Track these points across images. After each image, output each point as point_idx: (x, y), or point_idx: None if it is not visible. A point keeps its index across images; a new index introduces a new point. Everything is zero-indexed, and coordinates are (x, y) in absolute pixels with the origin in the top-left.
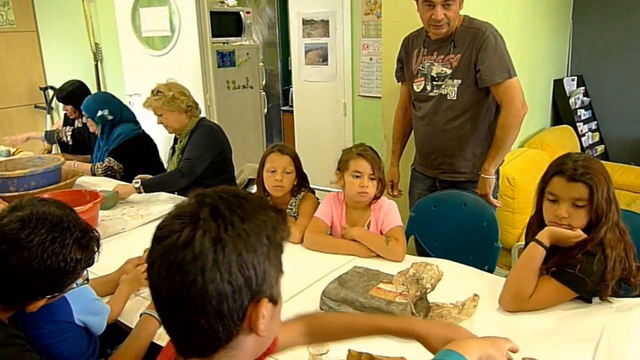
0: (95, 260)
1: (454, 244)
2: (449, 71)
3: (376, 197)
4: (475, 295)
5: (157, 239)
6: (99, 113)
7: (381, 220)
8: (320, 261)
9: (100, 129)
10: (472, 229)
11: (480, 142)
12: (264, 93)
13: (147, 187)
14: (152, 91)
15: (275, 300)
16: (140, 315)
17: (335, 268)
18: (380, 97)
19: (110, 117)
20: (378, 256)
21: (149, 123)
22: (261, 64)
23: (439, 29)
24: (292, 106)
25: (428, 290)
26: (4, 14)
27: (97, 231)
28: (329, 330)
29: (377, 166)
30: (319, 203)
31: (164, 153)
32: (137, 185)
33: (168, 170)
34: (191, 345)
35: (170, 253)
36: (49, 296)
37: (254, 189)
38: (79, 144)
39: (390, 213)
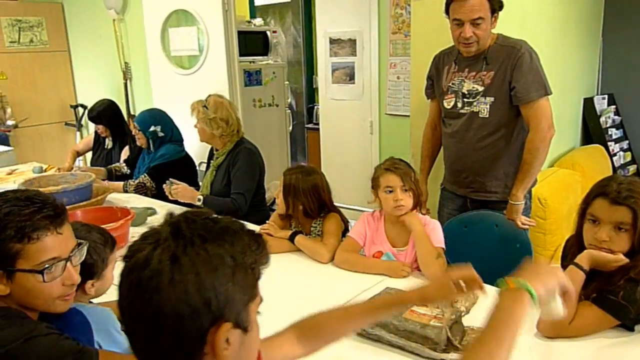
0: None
1: (486, 266)
2: (480, 88)
3: (414, 208)
4: None
5: (124, 257)
6: (152, 128)
7: None
8: (350, 281)
9: (150, 143)
10: (504, 251)
11: (512, 161)
12: (289, 111)
13: (206, 205)
14: (203, 101)
15: (244, 327)
16: None
17: (365, 288)
18: (407, 116)
19: (161, 134)
20: (410, 277)
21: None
22: (287, 82)
23: (468, 47)
24: (316, 124)
25: (463, 314)
26: (38, 34)
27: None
28: (324, 327)
29: (408, 177)
30: (344, 221)
31: (195, 156)
32: (199, 198)
33: (202, 183)
34: None
35: (132, 272)
36: None
37: None
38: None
39: (435, 232)
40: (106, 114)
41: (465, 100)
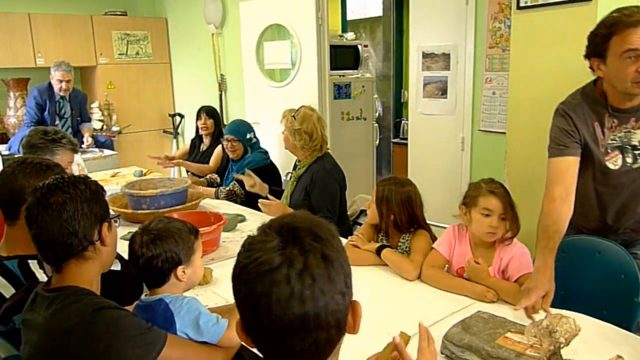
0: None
1: (585, 296)
2: None
3: (505, 238)
4: (619, 356)
5: (262, 273)
6: (248, 135)
7: (505, 263)
8: (440, 301)
9: (247, 150)
10: (607, 281)
11: None
12: (376, 125)
13: None
14: (294, 111)
15: None
16: None
17: (455, 310)
18: (502, 133)
19: (254, 140)
20: (501, 301)
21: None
22: (375, 96)
23: None
24: (403, 138)
25: (562, 346)
26: (144, 47)
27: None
28: None
29: (510, 205)
30: (433, 240)
31: (282, 165)
32: None
33: (284, 193)
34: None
35: (284, 283)
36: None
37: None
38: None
39: (522, 259)
40: (216, 113)
41: (637, 152)
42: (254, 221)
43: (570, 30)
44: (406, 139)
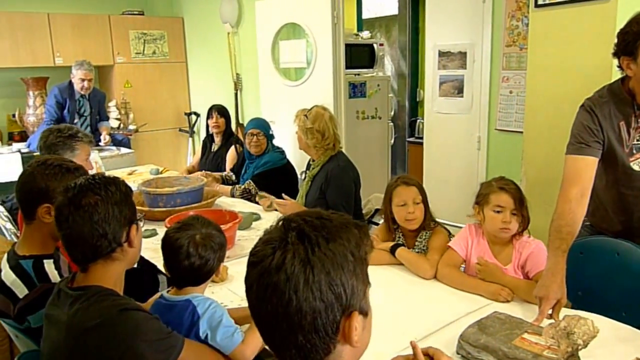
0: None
1: (603, 297)
2: None
3: (518, 233)
4: (638, 359)
5: (252, 263)
6: (270, 131)
7: (524, 258)
8: (456, 301)
9: (269, 145)
10: (625, 282)
11: None
12: (391, 124)
13: None
14: (306, 110)
15: (365, 313)
16: None
17: (471, 310)
18: (519, 132)
19: (274, 137)
20: (517, 301)
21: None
22: (391, 95)
23: None
24: (418, 137)
25: (580, 347)
26: (160, 46)
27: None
28: None
29: (520, 201)
30: (449, 239)
31: (298, 164)
32: None
33: (299, 193)
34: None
35: (265, 276)
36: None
37: (382, 220)
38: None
39: (540, 255)
40: (227, 112)
41: None
42: (269, 220)
43: (589, 29)
44: (422, 138)
